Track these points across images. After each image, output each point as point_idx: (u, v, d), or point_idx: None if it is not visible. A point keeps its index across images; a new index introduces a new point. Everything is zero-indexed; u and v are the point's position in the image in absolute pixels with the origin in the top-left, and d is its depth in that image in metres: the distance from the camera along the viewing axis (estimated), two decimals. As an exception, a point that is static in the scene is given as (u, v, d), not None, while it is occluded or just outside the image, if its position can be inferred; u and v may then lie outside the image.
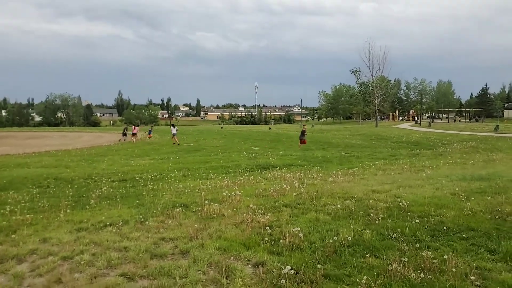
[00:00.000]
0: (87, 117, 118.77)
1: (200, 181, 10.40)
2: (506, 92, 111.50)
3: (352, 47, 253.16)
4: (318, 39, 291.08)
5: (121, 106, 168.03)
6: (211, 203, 6.90)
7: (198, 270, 4.06)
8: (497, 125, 42.51)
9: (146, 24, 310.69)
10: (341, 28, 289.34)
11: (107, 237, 5.31)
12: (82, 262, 4.38)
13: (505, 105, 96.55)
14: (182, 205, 7.12)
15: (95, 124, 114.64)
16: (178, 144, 27.49)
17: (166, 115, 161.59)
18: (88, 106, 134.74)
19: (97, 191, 9.44)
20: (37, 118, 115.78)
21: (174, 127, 29.90)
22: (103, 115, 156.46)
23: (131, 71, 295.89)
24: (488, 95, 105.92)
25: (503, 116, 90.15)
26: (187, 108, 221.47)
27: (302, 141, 24.01)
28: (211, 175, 12.16)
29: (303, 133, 24.45)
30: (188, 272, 4.01)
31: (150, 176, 11.83)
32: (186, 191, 8.81)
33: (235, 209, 6.53)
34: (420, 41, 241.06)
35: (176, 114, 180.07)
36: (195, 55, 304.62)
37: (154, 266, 4.22)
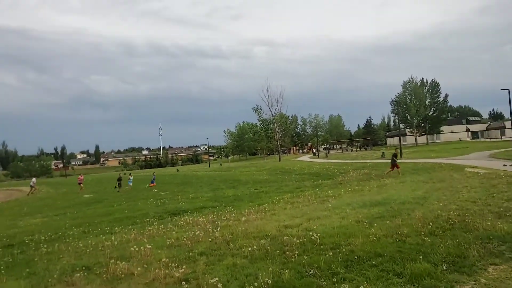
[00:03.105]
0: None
1: (104, 237, 9.48)
2: (386, 122, 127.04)
3: (251, 88, 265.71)
4: (217, 80, 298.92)
5: (6, 159, 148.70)
6: (118, 261, 6.26)
7: None
8: (383, 152, 47.55)
9: (33, 68, 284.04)
10: (239, 70, 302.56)
11: (-12, 322, 4.42)
12: None
13: (386, 133, 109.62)
14: (84, 267, 6.34)
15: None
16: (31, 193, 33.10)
17: (61, 165, 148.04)
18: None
19: (-26, 263, 7.95)
20: None
21: (34, 179, 38.45)
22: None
23: (17, 119, 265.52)
24: (372, 125, 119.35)
25: (386, 143, 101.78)
26: (84, 155, 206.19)
27: (394, 166, 21.38)
28: (116, 228, 11.19)
29: (395, 156, 21.86)
30: None
31: (43, 237, 10.43)
32: (88, 250, 7.91)
33: (145, 265, 6.01)
34: (310, 80, 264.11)
35: (72, 163, 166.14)
36: (90, 99, 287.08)
37: None
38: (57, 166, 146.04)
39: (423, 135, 78.61)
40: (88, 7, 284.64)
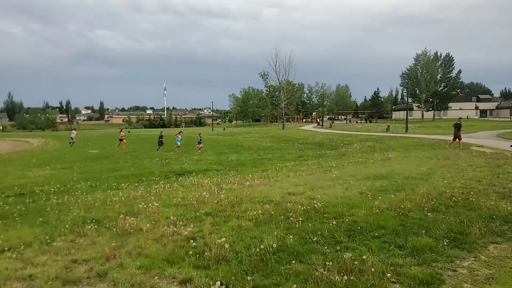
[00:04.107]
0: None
1: (111, 192, 9.70)
2: (394, 95, 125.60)
3: (259, 52, 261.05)
4: (224, 42, 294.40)
5: (12, 110, 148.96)
6: (127, 216, 6.45)
7: (120, 295, 3.73)
8: (389, 126, 47.42)
9: (38, 19, 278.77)
10: (247, 32, 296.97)
11: (6, 264, 4.61)
12: (-25, 300, 3.74)
13: (393, 107, 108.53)
14: (94, 220, 6.54)
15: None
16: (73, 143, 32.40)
17: (66, 119, 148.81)
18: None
19: (-13, 209, 8.19)
20: None
21: (74, 131, 34.93)
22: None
23: (22, 71, 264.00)
24: (380, 98, 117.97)
25: (392, 117, 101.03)
26: (89, 111, 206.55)
27: (457, 137, 19.07)
28: (123, 184, 11.42)
29: (459, 127, 19.11)
30: (108, 298, 3.66)
31: (53, 189, 10.67)
32: (96, 204, 8.12)
33: (153, 222, 6.20)
34: (320, 47, 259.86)
35: (77, 118, 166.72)
36: (95, 54, 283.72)
37: (67, 295, 3.77)
38: (62, 120, 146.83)
39: (430, 110, 77.71)
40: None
